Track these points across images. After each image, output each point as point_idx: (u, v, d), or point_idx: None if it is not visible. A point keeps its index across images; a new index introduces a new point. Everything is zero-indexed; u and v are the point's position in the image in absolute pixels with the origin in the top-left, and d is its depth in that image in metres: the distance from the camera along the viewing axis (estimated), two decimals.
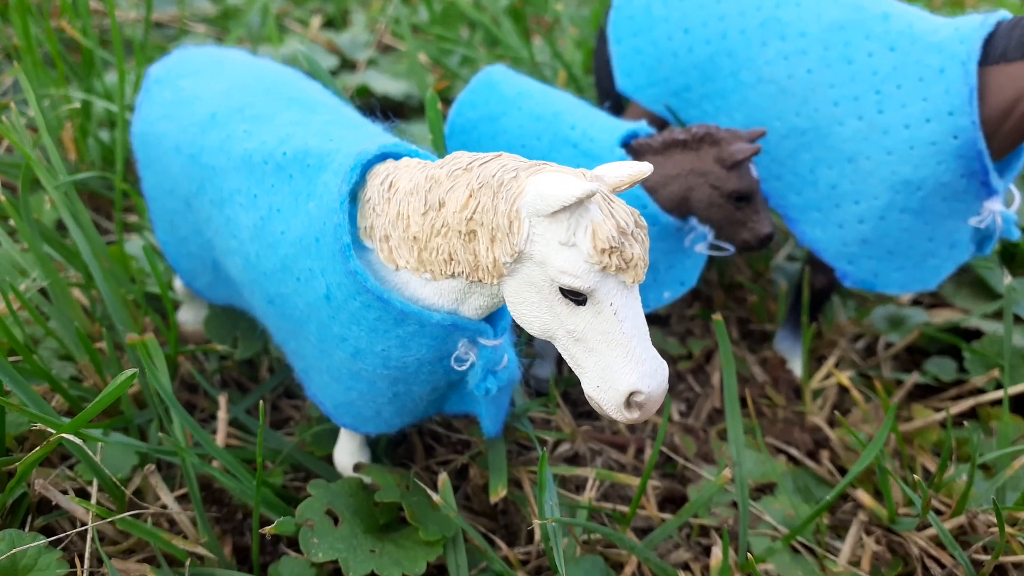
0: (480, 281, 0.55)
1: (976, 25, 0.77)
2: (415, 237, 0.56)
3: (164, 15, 1.46)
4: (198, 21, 1.48)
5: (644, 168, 0.53)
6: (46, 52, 1.23)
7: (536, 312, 0.53)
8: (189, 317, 0.90)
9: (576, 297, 0.51)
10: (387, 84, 1.31)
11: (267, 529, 0.64)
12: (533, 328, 0.54)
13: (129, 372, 0.60)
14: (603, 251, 0.49)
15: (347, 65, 1.40)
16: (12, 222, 0.98)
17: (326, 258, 0.61)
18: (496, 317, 0.64)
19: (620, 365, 0.51)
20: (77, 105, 0.99)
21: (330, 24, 1.55)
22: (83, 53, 1.13)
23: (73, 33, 1.13)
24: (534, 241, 0.51)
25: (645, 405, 0.51)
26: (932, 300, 1.10)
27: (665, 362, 0.52)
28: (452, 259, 0.56)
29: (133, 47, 1.12)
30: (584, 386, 0.53)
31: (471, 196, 0.53)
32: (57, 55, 1.07)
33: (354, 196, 0.61)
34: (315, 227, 0.62)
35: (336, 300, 0.61)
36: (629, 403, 0.52)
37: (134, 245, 0.96)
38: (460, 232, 0.54)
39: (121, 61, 0.97)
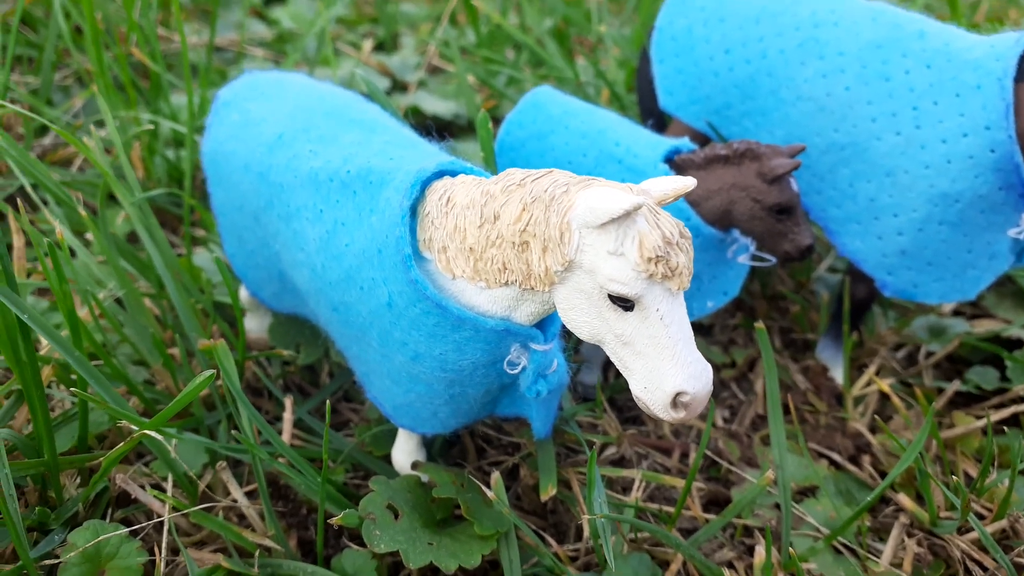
0: (532, 289, 0.59)
1: (1011, 43, 0.79)
2: (471, 248, 0.60)
3: (224, 39, 1.53)
4: (256, 45, 1.55)
5: (688, 182, 0.56)
6: (115, 76, 1.30)
7: (586, 318, 0.57)
8: (254, 325, 0.95)
9: (624, 303, 0.54)
10: (436, 104, 1.36)
11: (334, 520, 0.68)
12: (583, 332, 0.58)
13: (208, 373, 0.65)
14: (649, 260, 0.52)
15: (398, 87, 1.46)
16: (88, 235, 1.05)
17: (388, 268, 0.65)
18: (546, 323, 0.68)
19: (667, 367, 0.54)
20: (150, 127, 1.05)
21: (381, 47, 1.61)
22: (151, 77, 1.20)
23: (142, 57, 1.20)
24: (584, 251, 0.54)
25: (691, 405, 0.55)
26: (974, 311, 1.11)
27: (709, 364, 0.55)
28: (506, 268, 0.59)
29: (196, 71, 1.18)
30: (632, 387, 0.56)
31: (524, 209, 0.57)
32: (128, 79, 1.14)
33: (414, 210, 0.66)
34: (378, 239, 0.66)
35: (397, 307, 0.65)
36: (675, 403, 0.55)
37: (201, 257, 1.01)
38: (514, 243, 0.58)
39: (189, 84, 1.03)
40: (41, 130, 1.27)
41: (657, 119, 1.04)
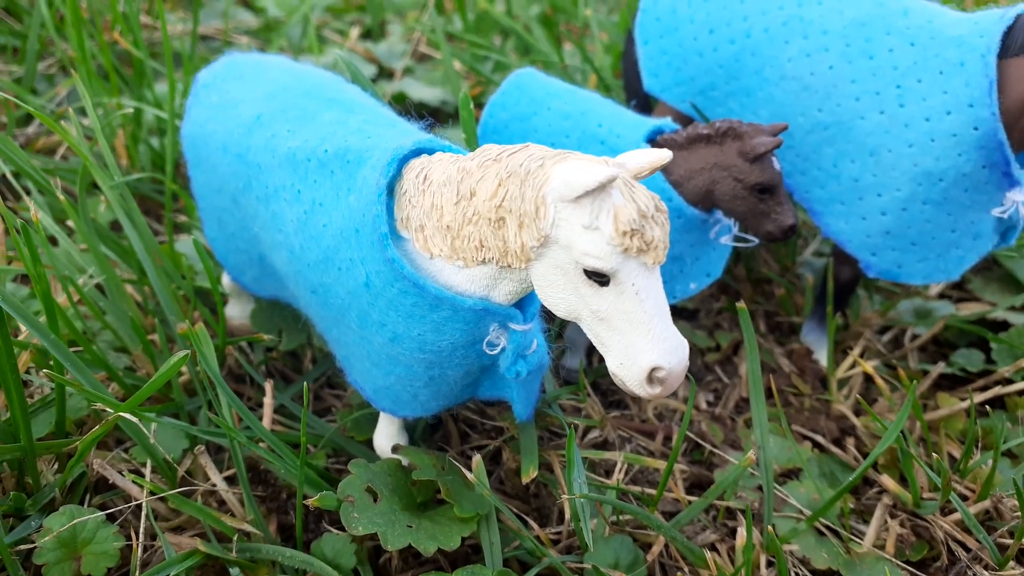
0: (509, 266, 0.58)
1: (995, 19, 0.79)
2: (448, 226, 0.60)
3: (209, 28, 1.52)
4: (241, 33, 1.54)
5: (664, 155, 0.56)
6: (99, 64, 1.29)
7: (562, 294, 0.56)
8: (236, 312, 0.95)
9: (600, 278, 0.54)
10: (423, 91, 1.35)
11: (311, 501, 0.67)
12: (559, 309, 0.57)
13: (182, 353, 0.65)
14: (624, 233, 0.52)
15: (384, 74, 1.45)
16: (70, 223, 1.04)
17: (365, 248, 0.64)
18: (526, 303, 0.67)
19: (642, 343, 0.54)
20: (130, 111, 1.04)
21: (368, 35, 1.60)
22: (134, 64, 1.19)
23: (126, 45, 1.19)
24: (559, 225, 0.54)
25: (666, 381, 0.54)
26: (960, 294, 1.11)
27: (685, 340, 0.55)
28: (483, 246, 0.59)
29: (181, 58, 1.17)
30: (608, 363, 0.56)
31: (500, 185, 0.56)
32: (111, 66, 1.13)
33: (391, 189, 0.65)
34: (355, 219, 0.65)
35: (375, 287, 0.65)
36: (651, 379, 0.54)
37: (183, 244, 1.01)
38: (490, 219, 0.57)
39: (171, 71, 1.02)
40: (25, 119, 1.26)
41: (642, 102, 1.03)
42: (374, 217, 0.63)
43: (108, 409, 0.69)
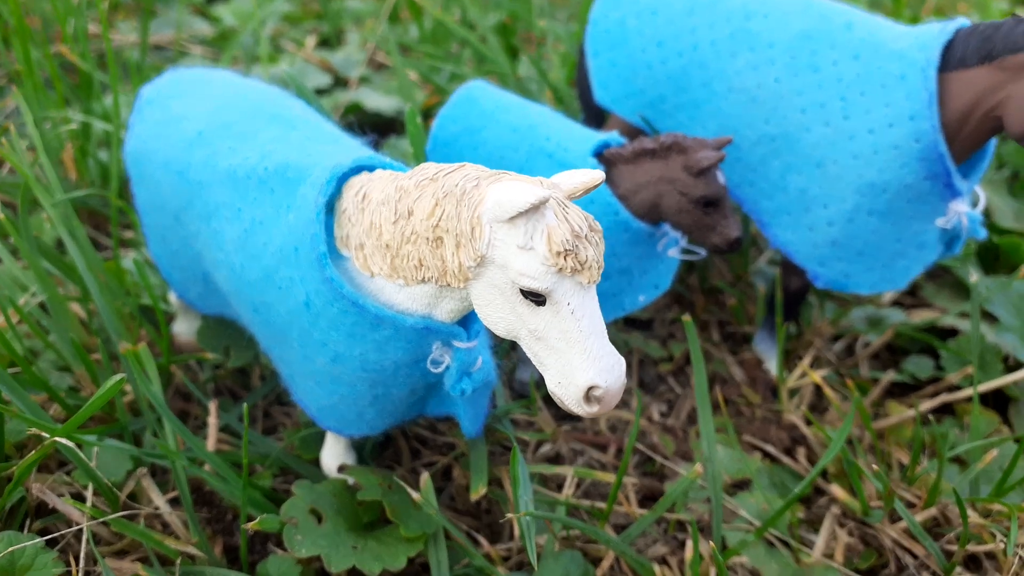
0: (449, 285, 0.58)
1: (935, 33, 0.80)
2: (387, 245, 0.59)
3: (163, 37, 1.51)
4: (196, 43, 1.52)
5: (596, 176, 0.56)
6: (47, 76, 1.27)
7: (500, 313, 0.56)
8: (184, 329, 0.93)
9: (536, 298, 0.53)
10: (379, 101, 1.34)
11: (250, 524, 0.66)
12: (498, 328, 0.57)
13: (118, 377, 0.63)
14: (558, 254, 0.52)
15: (340, 83, 1.44)
16: (13, 240, 1.02)
17: (305, 267, 0.64)
18: (470, 320, 0.67)
19: (579, 362, 0.54)
20: (75, 126, 1.03)
21: (325, 43, 1.59)
22: (81, 76, 1.17)
23: (72, 57, 1.17)
24: (495, 246, 0.54)
25: (604, 399, 0.54)
26: (912, 301, 1.12)
27: (622, 357, 0.55)
28: (422, 265, 0.58)
29: (132, 70, 1.16)
30: (547, 383, 0.55)
31: (437, 205, 0.56)
32: (57, 78, 1.11)
33: (331, 207, 0.64)
34: (294, 237, 0.65)
35: (315, 307, 0.64)
36: (588, 398, 0.54)
37: (130, 261, 0.99)
38: (428, 239, 0.57)
39: (115, 83, 1.01)
40: None
41: (596, 114, 1.03)
42: (312, 236, 0.62)
43: (46, 434, 0.68)
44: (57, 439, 0.66)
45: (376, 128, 1.31)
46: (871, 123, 0.81)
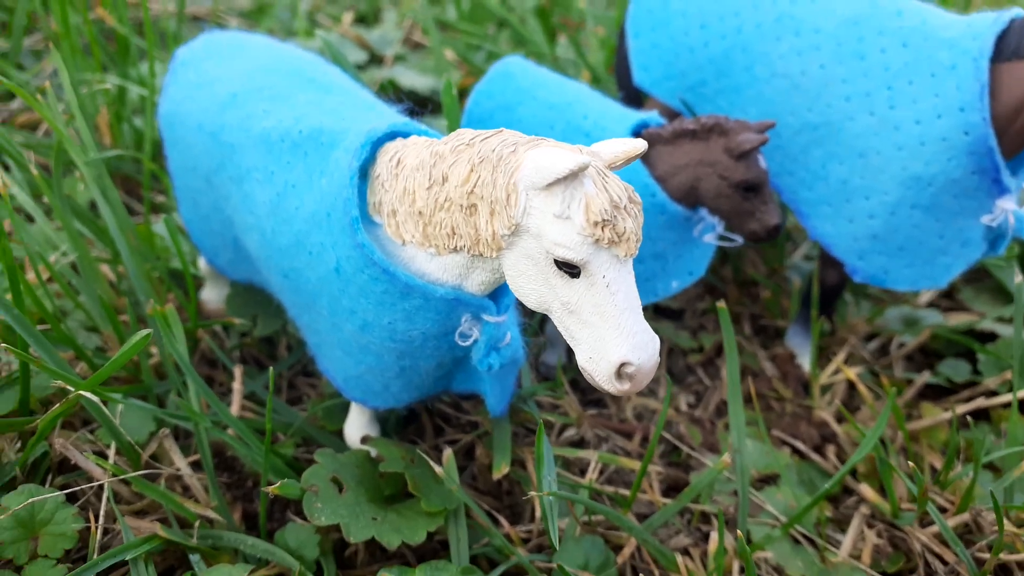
0: (481, 255, 0.57)
1: (989, 22, 0.77)
2: (420, 212, 0.58)
3: (200, 8, 1.50)
4: (232, 15, 1.52)
5: (639, 144, 0.54)
6: (85, 41, 1.27)
7: (533, 284, 0.55)
8: (212, 296, 0.93)
9: (570, 269, 0.52)
10: (414, 79, 1.33)
11: (272, 488, 0.66)
12: (530, 300, 0.55)
13: (144, 332, 0.63)
14: (596, 224, 0.50)
15: (376, 60, 1.43)
16: (47, 200, 1.02)
17: (336, 232, 0.63)
18: (500, 294, 0.66)
19: (612, 337, 0.52)
20: (111, 87, 1.02)
21: (362, 20, 1.59)
22: (119, 41, 1.17)
23: (111, 21, 1.17)
24: (530, 214, 0.52)
25: (636, 377, 0.53)
26: (949, 304, 1.09)
27: (657, 336, 0.53)
28: (455, 233, 0.57)
29: (168, 40, 1.16)
30: (577, 357, 0.54)
31: (472, 170, 0.55)
32: (95, 42, 1.11)
33: (365, 173, 0.64)
34: (327, 202, 0.64)
35: (345, 273, 0.63)
36: (620, 374, 0.53)
37: (162, 225, 0.99)
38: (462, 206, 0.56)
39: (151, 48, 1.01)
40: (9, 94, 1.24)
41: (633, 96, 1.02)
42: (345, 201, 0.61)
43: (70, 388, 0.68)
44: (82, 392, 0.65)
45: (405, 101, 1.30)
46: (918, 113, 0.79)
